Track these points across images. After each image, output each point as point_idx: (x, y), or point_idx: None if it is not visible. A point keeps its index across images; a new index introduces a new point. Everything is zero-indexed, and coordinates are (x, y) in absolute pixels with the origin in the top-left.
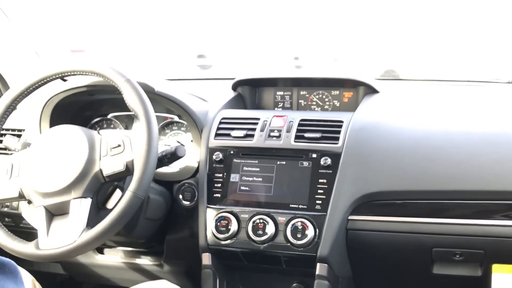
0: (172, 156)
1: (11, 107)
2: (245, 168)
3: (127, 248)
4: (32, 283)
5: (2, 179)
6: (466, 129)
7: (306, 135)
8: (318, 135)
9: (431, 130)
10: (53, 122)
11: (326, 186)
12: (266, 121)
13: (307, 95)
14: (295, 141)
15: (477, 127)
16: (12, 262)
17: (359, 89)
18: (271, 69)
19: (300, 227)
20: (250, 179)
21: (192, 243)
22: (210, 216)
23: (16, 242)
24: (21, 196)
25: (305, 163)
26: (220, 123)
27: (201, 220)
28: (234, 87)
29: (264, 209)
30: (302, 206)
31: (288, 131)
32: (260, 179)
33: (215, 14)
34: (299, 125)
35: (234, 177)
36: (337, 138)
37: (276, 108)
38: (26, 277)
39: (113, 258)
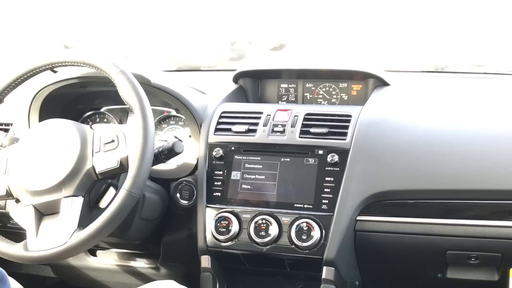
0: (169, 153)
1: None
2: (247, 165)
3: (121, 250)
4: None
5: None
6: (483, 124)
7: (312, 130)
8: (324, 130)
9: (445, 126)
10: (43, 116)
11: (333, 185)
12: (270, 115)
13: (313, 88)
14: (300, 137)
15: (495, 122)
16: (1, 269)
17: (369, 81)
18: (274, 60)
19: (305, 228)
20: (252, 177)
21: (190, 245)
22: (209, 216)
23: (3, 243)
24: (9, 195)
25: (311, 160)
26: (221, 117)
27: (200, 220)
28: (235, 79)
29: (267, 208)
30: (308, 206)
31: (293, 126)
32: (263, 177)
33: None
34: (305, 119)
35: (235, 175)
36: (345, 134)
37: (280, 102)
38: (14, 285)
39: (106, 260)
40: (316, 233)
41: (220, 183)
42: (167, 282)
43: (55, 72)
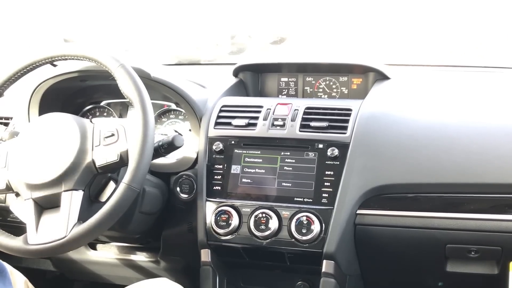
0: (169, 146)
1: None
2: (247, 159)
3: (121, 244)
4: (25, 284)
5: None
6: (483, 118)
7: (312, 124)
8: (325, 124)
9: (445, 120)
10: (43, 110)
11: (333, 179)
12: (270, 109)
13: (313, 82)
14: (300, 131)
15: (495, 116)
16: (1, 263)
17: (369, 75)
18: (275, 54)
19: (305, 222)
20: (252, 170)
21: (190, 239)
22: (209, 210)
23: (3, 236)
24: (9, 188)
25: (311, 154)
26: (221, 111)
27: (200, 214)
28: (236, 73)
29: (267, 202)
30: (308, 200)
31: (293, 119)
32: (263, 170)
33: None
34: (305, 113)
35: (235, 169)
36: (345, 128)
37: (280, 95)
38: (19, 277)
39: (106, 254)
40: (316, 227)
41: (220, 177)
42: (160, 279)
43: (55, 66)
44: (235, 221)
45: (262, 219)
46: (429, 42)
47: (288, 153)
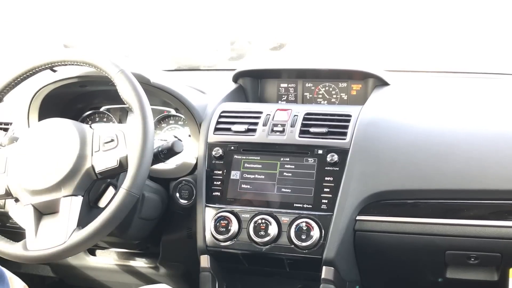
0: (168, 152)
1: None
2: (246, 165)
3: (120, 250)
4: None
5: None
6: (483, 124)
7: (312, 130)
8: (324, 130)
9: (445, 125)
10: (42, 115)
11: (333, 184)
12: (269, 115)
13: (312, 88)
14: (299, 136)
15: (494, 122)
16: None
17: (368, 81)
18: (274, 60)
19: (304, 228)
20: (252, 176)
21: (189, 245)
22: (209, 215)
23: (2, 242)
24: (8, 194)
25: (311, 160)
26: (220, 116)
27: (199, 220)
28: (235, 78)
29: (267, 208)
30: (307, 206)
31: (293, 125)
32: (263, 176)
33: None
34: (304, 119)
35: (235, 175)
36: (345, 133)
37: (279, 101)
38: (18, 283)
39: (105, 260)
40: (315, 233)
41: (219, 182)
42: (159, 285)
43: (54, 71)
44: (234, 227)
45: (261, 225)
46: (428, 48)
47: (288, 159)
